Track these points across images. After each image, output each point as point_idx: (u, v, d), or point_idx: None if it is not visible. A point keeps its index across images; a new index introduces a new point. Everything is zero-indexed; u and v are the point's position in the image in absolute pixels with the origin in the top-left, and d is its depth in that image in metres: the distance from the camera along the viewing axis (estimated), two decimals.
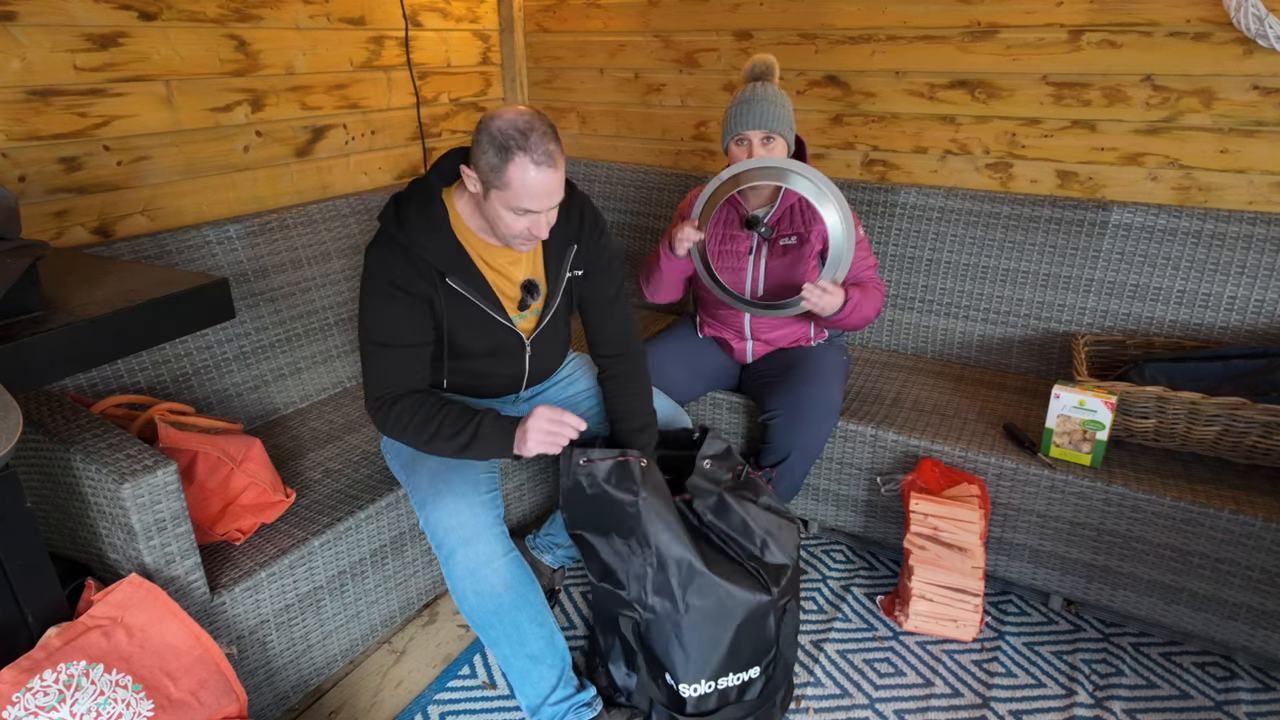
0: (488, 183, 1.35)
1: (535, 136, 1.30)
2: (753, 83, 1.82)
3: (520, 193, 1.33)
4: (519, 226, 1.38)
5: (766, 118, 1.76)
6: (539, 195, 1.33)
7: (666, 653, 1.45)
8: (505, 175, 1.31)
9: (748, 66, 1.86)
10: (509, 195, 1.34)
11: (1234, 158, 1.95)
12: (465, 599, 1.42)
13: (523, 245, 1.45)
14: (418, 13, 2.45)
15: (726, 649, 1.44)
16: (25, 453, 1.36)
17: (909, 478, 1.79)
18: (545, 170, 1.31)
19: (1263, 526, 1.55)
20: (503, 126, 1.31)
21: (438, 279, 1.44)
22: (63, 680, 1.09)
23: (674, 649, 1.43)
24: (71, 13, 1.67)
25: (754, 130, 1.77)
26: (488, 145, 1.32)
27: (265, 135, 2.09)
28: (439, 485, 1.44)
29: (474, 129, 1.39)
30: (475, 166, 1.36)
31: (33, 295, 1.07)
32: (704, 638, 1.42)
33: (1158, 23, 1.93)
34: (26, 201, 1.66)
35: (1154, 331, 2.01)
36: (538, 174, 1.31)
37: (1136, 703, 1.61)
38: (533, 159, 1.30)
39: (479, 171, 1.35)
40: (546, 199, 1.35)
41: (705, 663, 1.43)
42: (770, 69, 1.84)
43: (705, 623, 1.42)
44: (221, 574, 1.41)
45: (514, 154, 1.30)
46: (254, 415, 1.89)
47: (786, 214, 1.89)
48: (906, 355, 2.31)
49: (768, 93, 1.79)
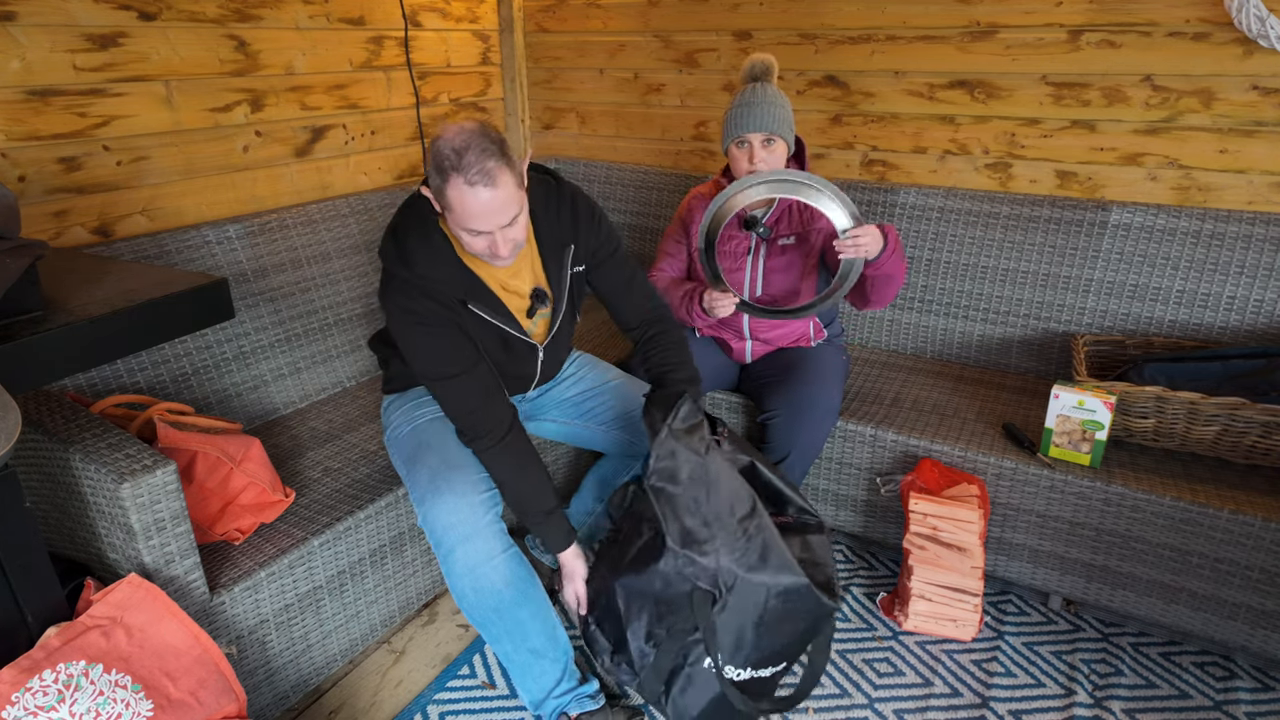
0: (440, 205, 1.33)
1: (471, 154, 1.24)
2: (752, 83, 1.82)
3: (462, 214, 1.29)
4: (478, 246, 1.34)
5: (767, 120, 1.76)
6: (479, 215, 1.28)
7: (731, 633, 1.35)
8: (446, 197, 1.29)
9: (746, 66, 1.84)
10: (455, 216, 1.31)
11: (1234, 158, 1.95)
12: (465, 596, 1.42)
13: (496, 262, 1.38)
14: (417, 13, 2.45)
15: (784, 639, 1.38)
16: (25, 452, 1.36)
17: (908, 478, 1.79)
18: (482, 190, 1.26)
19: (1262, 526, 1.55)
20: (440, 147, 1.27)
21: (459, 306, 1.45)
22: (62, 680, 1.09)
23: (742, 630, 1.34)
24: (71, 13, 1.67)
25: (755, 133, 1.76)
26: (431, 167, 1.29)
27: (265, 135, 2.09)
28: (438, 483, 1.44)
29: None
30: (430, 186, 1.34)
31: (32, 295, 1.07)
32: (775, 628, 1.36)
33: (1157, 23, 1.93)
34: (26, 201, 1.66)
35: (1153, 331, 2.01)
36: (474, 194, 1.26)
37: (1136, 702, 1.61)
38: (467, 179, 1.25)
39: (433, 191, 1.33)
40: (490, 218, 1.29)
41: (757, 648, 1.37)
42: (769, 69, 1.83)
43: (780, 609, 1.34)
44: (221, 574, 1.41)
45: (449, 175, 1.26)
46: (254, 415, 1.89)
47: (785, 214, 1.89)
48: (906, 355, 2.31)
49: (767, 95, 1.78)
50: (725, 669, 1.38)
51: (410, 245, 1.41)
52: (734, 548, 1.32)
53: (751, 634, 1.36)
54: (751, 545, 1.32)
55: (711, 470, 1.35)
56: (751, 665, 1.40)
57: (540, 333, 1.60)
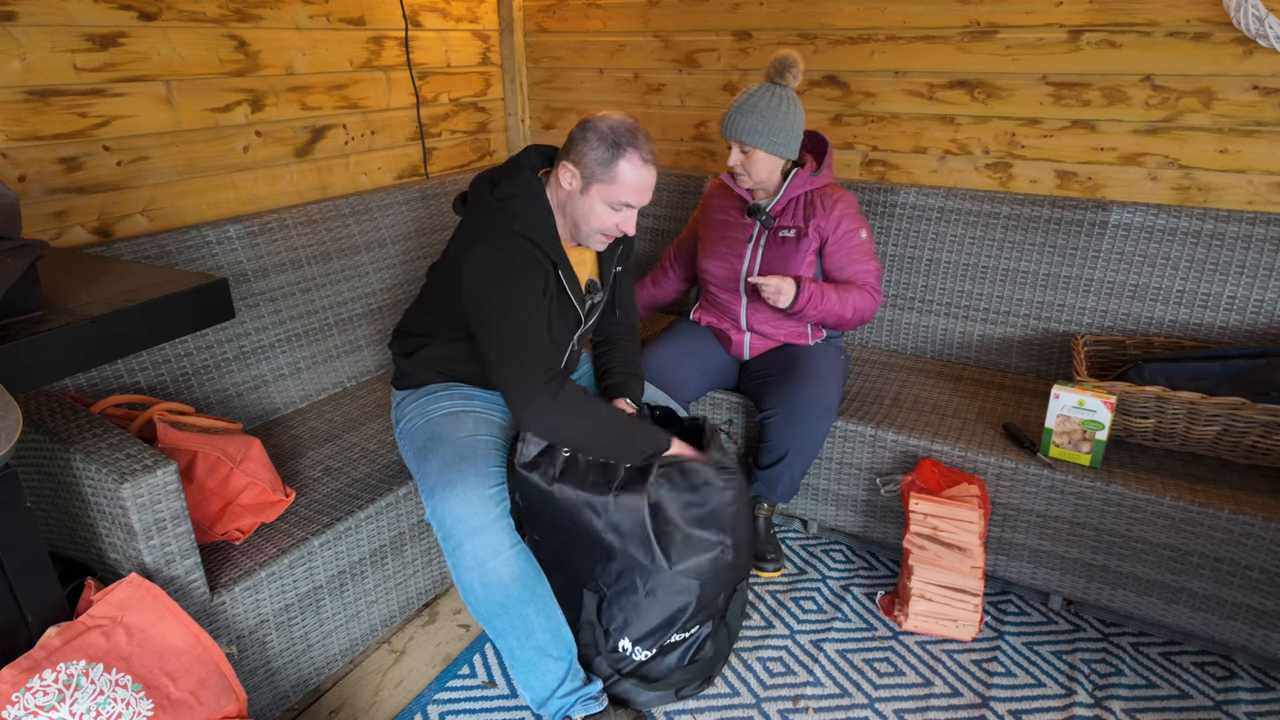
0: (590, 177, 1.44)
1: (641, 137, 1.44)
2: (758, 87, 1.82)
3: (624, 187, 1.43)
4: (610, 222, 1.48)
5: (739, 129, 1.80)
6: (640, 190, 1.45)
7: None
8: (614, 169, 1.42)
9: (770, 62, 1.83)
10: (613, 189, 1.44)
11: (1233, 158, 1.95)
12: (472, 590, 1.42)
13: (601, 243, 1.53)
14: (418, 13, 2.45)
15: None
16: (25, 452, 1.36)
17: (908, 478, 1.79)
18: (649, 168, 1.44)
19: (1262, 526, 1.55)
20: (613, 125, 1.43)
21: (551, 269, 1.50)
22: (62, 680, 1.09)
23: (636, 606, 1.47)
24: (71, 13, 1.67)
25: (729, 138, 1.82)
26: (597, 142, 1.42)
27: (265, 135, 2.09)
28: (450, 475, 1.43)
29: (576, 129, 1.46)
30: (579, 162, 1.43)
31: (33, 295, 1.07)
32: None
33: (1157, 23, 1.93)
34: (26, 201, 1.66)
35: (1153, 331, 2.01)
36: (644, 170, 1.44)
37: (1136, 702, 1.61)
38: (642, 156, 1.43)
39: (582, 167, 1.44)
40: (645, 194, 1.47)
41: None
42: (785, 68, 1.81)
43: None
44: (221, 574, 1.41)
45: (625, 150, 1.42)
46: (254, 415, 1.89)
47: (790, 205, 1.91)
48: (906, 355, 2.31)
49: (759, 102, 1.79)
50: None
51: (516, 204, 1.47)
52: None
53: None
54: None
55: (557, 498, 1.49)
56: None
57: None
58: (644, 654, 1.53)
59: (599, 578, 1.52)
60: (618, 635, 1.52)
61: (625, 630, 1.51)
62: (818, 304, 1.82)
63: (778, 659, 1.73)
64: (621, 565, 1.49)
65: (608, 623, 1.52)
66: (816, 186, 1.91)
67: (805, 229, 1.89)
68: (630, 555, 1.48)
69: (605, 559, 1.50)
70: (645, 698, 1.54)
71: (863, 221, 1.92)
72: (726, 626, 1.61)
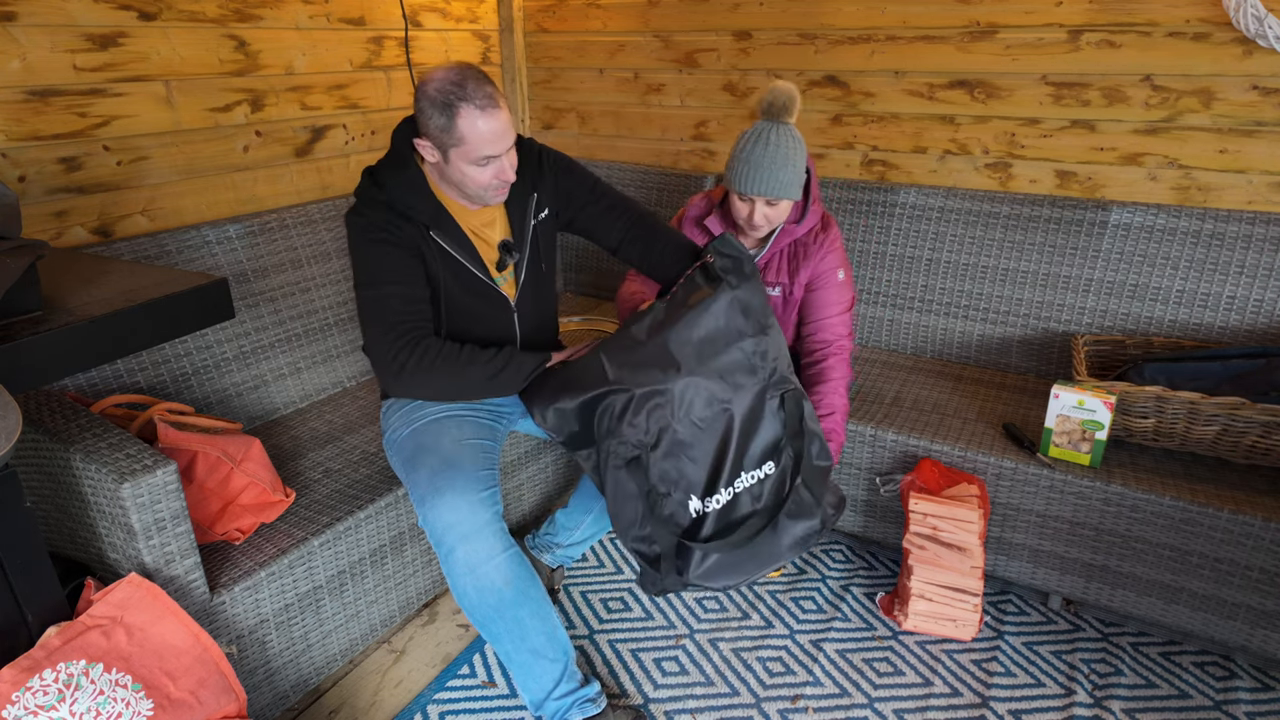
0: (443, 144, 1.39)
1: (471, 84, 1.35)
2: (767, 128, 1.64)
3: (475, 142, 1.37)
4: (486, 177, 1.43)
5: (774, 184, 1.63)
6: (492, 139, 1.38)
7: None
8: (456, 130, 1.36)
9: (766, 97, 1.65)
10: (466, 149, 1.38)
11: (1233, 158, 1.95)
12: (465, 595, 1.42)
13: (496, 196, 1.49)
14: (417, 13, 2.45)
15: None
16: (25, 452, 1.36)
17: (908, 477, 1.79)
18: (491, 112, 1.36)
19: (1262, 526, 1.55)
20: (438, 85, 1.36)
21: (423, 232, 1.48)
22: (62, 679, 1.09)
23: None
24: (71, 13, 1.67)
25: (759, 195, 1.66)
26: (430, 109, 1.36)
27: (265, 135, 2.09)
28: (439, 482, 1.44)
29: (414, 97, 1.42)
30: (427, 134, 1.40)
31: (33, 295, 1.07)
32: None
33: (1157, 23, 1.93)
34: (26, 201, 1.66)
35: (1153, 331, 2.01)
36: (486, 118, 1.36)
37: (1135, 702, 1.62)
38: (476, 104, 1.35)
39: (431, 138, 1.40)
40: (501, 140, 1.39)
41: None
42: (789, 106, 1.64)
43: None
44: (221, 574, 1.41)
45: (458, 106, 1.34)
46: (254, 415, 1.90)
47: (776, 258, 1.82)
48: (906, 355, 2.31)
49: (780, 152, 1.62)
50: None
51: (384, 175, 1.49)
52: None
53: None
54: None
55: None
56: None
57: (511, 290, 1.63)
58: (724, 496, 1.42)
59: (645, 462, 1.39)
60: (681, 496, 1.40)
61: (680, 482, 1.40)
62: (840, 436, 1.74)
63: (777, 659, 1.74)
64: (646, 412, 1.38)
65: (661, 508, 1.40)
66: (800, 236, 1.78)
67: (791, 287, 1.80)
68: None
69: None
70: (798, 530, 1.44)
71: (845, 261, 1.81)
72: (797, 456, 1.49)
